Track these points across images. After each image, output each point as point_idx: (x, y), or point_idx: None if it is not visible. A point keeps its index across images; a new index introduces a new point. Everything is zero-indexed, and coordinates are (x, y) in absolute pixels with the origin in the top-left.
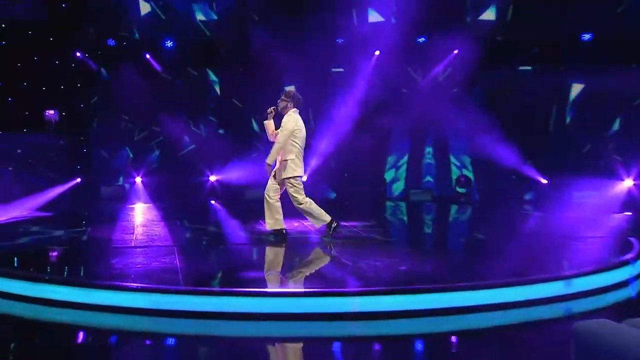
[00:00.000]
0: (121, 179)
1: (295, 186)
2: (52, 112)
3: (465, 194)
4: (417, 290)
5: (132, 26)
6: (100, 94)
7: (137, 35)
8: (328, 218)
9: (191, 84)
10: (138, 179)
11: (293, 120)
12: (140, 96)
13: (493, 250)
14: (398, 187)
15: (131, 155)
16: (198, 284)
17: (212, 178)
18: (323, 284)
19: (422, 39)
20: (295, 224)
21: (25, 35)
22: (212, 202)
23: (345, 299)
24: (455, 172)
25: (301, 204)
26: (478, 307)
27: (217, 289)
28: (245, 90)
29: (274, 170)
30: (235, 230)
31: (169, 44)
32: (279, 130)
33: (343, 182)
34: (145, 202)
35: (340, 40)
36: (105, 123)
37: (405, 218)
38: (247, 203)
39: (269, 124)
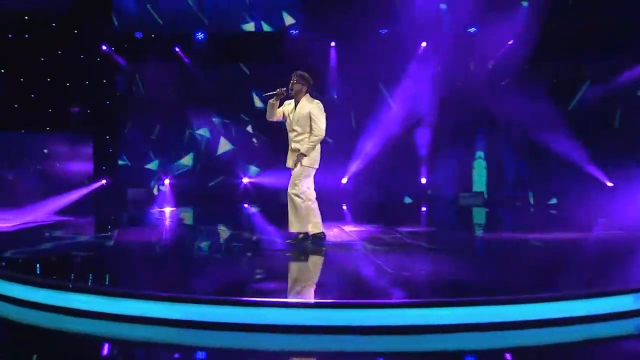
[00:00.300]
0: (153, 182)
1: (306, 175)
2: (76, 109)
3: (520, 198)
4: (468, 302)
5: (160, 17)
6: (127, 90)
7: (164, 25)
8: (305, 229)
9: (224, 80)
10: (167, 182)
11: (319, 107)
12: (170, 93)
13: (553, 259)
14: (446, 190)
15: (156, 157)
16: (230, 294)
17: (245, 180)
18: (364, 294)
19: (473, 29)
20: (335, 230)
21: (48, 27)
22: (245, 205)
23: (388, 310)
24: (508, 174)
25: (299, 195)
26: (537, 322)
27: (250, 299)
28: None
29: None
30: (269, 235)
31: (200, 36)
32: (304, 123)
33: (387, 184)
34: (174, 206)
35: (384, 32)
36: (133, 121)
37: (454, 223)
38: (282, 206)
39: (275, 105)
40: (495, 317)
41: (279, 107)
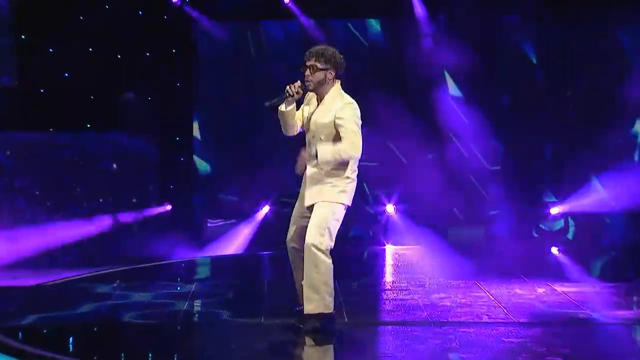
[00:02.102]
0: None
1: (338, 217)
2: (131, 94)
3: None
4: None
5: None
6: (207, 65)
7: None
8: (331, 305)
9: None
10: (265, 209)
11: (353, 108)
12: (270, 66)
13: None
14: None
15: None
16: None
17: (390, 208)
18: None
19: None
20: (540, 290)
21: None
22: (387, 246)
23: None
24: None
25: (324, 250)
26: None
27: None
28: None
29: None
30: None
31: None
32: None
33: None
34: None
35: None
36: (215, 114)
37: None
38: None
39: (289, 113)
40: None
41: (297, 110)
